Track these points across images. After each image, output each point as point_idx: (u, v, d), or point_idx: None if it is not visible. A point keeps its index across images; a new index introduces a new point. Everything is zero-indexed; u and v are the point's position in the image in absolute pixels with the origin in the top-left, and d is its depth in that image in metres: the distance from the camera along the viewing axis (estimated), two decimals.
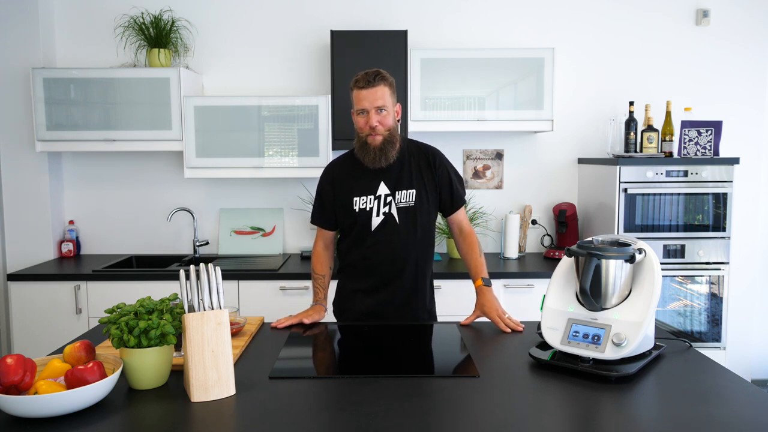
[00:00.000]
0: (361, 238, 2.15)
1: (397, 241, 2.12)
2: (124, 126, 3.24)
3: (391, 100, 2.08)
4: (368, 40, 3.22)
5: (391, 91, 2.08)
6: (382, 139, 2.06)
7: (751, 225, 3.67)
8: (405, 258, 2.14)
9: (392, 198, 2.11)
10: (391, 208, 2.11)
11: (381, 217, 2.11)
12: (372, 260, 2.15)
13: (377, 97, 2.03)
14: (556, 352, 1.64)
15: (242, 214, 3.65)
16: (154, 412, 1.36)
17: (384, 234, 2.12)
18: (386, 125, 2.06)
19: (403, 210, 2.12)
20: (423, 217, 2.14)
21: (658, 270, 1.62)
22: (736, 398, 1.42)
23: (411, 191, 2.12)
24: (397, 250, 2.13)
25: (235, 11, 3.55)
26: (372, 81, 2.03)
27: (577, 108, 3.61)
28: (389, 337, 1.98)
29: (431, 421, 1.30)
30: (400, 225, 2.12)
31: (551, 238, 3.65)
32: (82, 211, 3.63)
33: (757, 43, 3.59)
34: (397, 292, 2.16)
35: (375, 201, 2.12)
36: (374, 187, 2.12)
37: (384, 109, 2.05)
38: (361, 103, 2.06)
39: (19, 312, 3.08)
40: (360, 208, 2.12)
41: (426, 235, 2.17)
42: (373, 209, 2.11)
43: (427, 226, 2.17)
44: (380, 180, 2.12)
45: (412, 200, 2.12)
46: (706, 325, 3.27)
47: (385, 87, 2.05)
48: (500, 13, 3.57)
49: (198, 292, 1.47)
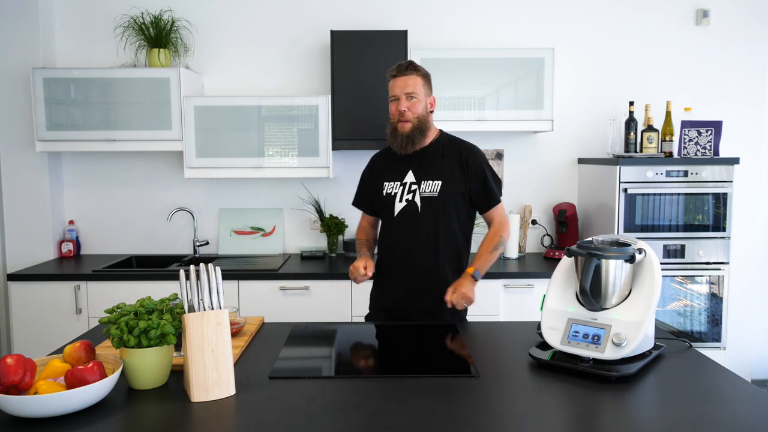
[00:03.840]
0: (386, 223, 2.26)
1: (417, 230, 2.16)
2: (124, 126, 3.24)
3: (423, 90, 2.17)
4: (368, 40, 3.22)
5: (424, 81, 2.18)
6: (411, 126, 2.14)
7: (751, 225, 3.67)
8: (424, 247, 2.17)
9: (417, 186, 2.18)
10: (414, 196, 2.18)
11: (404, 203, 2.18)
12: (394, 245, 2.22)
13: (408, 85, 2.14)
14: (556, 352, 1.64)
15: (242, 214, 3.65)
16: (154, 412, 1.36)
17: (406, 220, 2.18)
18: (415, 112, 2.14)
19: (426, 200, 2.16)
20: (446, 209, 2.16)
21: (658, 270, 1.62)
22: (736, 398, 1.42)
23: (437, 183, 2.16)
24: (417, 238, 2.17)
25: (235, 11, 3.55)
26: (404, 70, 2.15)
27: (577, 108, 3.61)
28: (389, 337, 1.98)
29: (431, 421, 1.30)
30: (421, 213, 2.16)
31: (551, 238, 3.65)
32: (82, 211, 3.63)
33: (756, 43, 3.59)
34: (418, 282, 2.18)
35: (400, 187, 2.20)
36: (403, 174, 2.21)
37: (414, 96, 2.14)
38: (393, 90, 2.17)
39: (19, 312, 3.08)
40: (387, 192, 2.23)
41: (449, 228, 2.17)
42: (397, 195, 2.20)
43: (450, 219, 2.17)
44: (409, 168, 2.20)
45: (436, 191, 2.16)
46: (706, 325, 3.27)
47: (417, 77, 2.15)
48: (500, 13, 3.57)
49: (198, 292, 1.47)
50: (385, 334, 2.02)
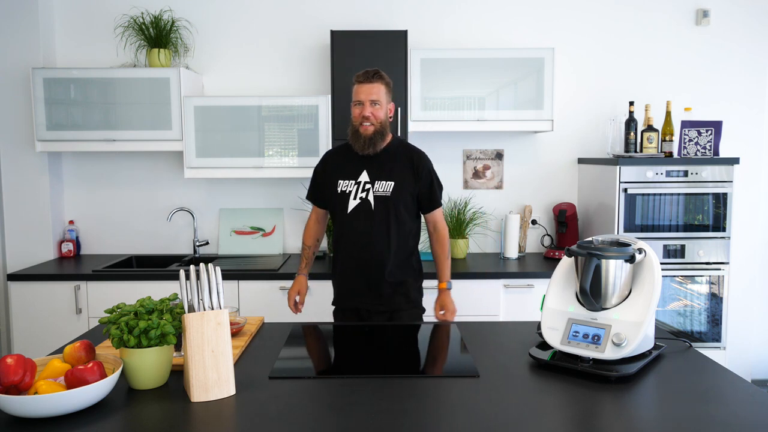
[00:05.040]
0: (340, 219, 2.38)
1: (370, 226, 2.31)
2: (124, 126, 3.24)
3: (386, 97, 2.33)
4: (368, 40, 3.22)
5: (387, 89, 2.33)
6: (373, 130, 2.29)
7: (751, 225, 3.67)
8: (376, 242, 2.31)
9: (371, 186, 2.32)
10: (368, 194, 2.32)
11: (357, 201, 2.32)
12: (349, 242, 2.36)
13: (373, 92, 2.28)
14: (556, 352, 1.64)
15: (242, 214, 3.65)
16: (154, 412, 1.36)
17: (359, 217, 2.32)
18: (378, 117, 2.29)
19: (380, 198, 2.31)
20: (398, 208, 2.32)
21: (658, 270, 1.62)
22: (735, 398, 1.42)
23: (390, 183, 2.32)
24: (371, 235, 2.31)
25: (235, 11, 3.55)
26: (371, 78, 2.29)
27: (577, 108, 3.61)
28: (389, 337, 1.99)
29: (431, 421, 1.30)
30: (374, 211, 2.31)
31: (551, 238, 3.65)
32: (82, 211, 3.63)
33: (756, 43, 3.59)
34: (368, 274, 2.33)
35: (355, 186, 2.34)
36: (357, 173, 2.35)
37: (378, 103, 2.29)
38: (358, 95, 2.31)
39: (19, 312, 3.08)
40: (341, 190, 2.35)
41: (401, 226, 2.34)
42: (351, 192, 2.33)
43: (402, 217, 2.34)
44: (364, 168, 2.34)
45: (389, 191, 2.31)
46: (706, 325, 3.27)
47: (381, 85, 2.30)
48: (500, 13, 3.57)
49: (198, 292, 1.48)
50: (385, 334, 2.02)
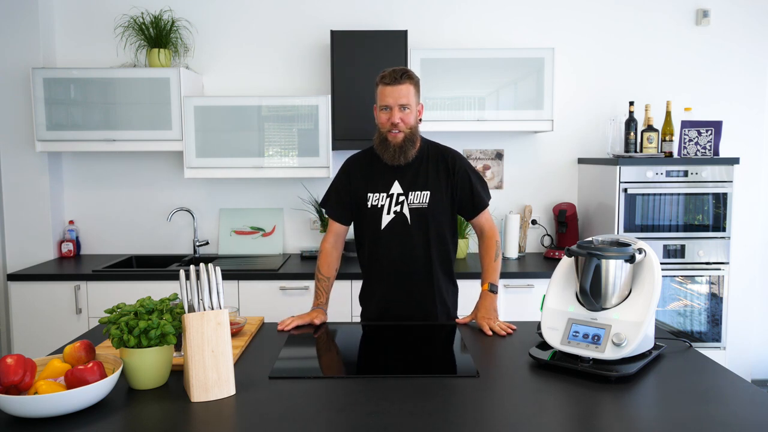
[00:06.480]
0: (372, 237, 2.16)
1: (408, 241, 2.12)
2: (124, 126, 3.24)
3: (415, 99, 2.08)
4: (368, 40, 3.22)
5: (416, 90, 2.08)
6: (403, 137, 2.06)
7: (751, 225, 3.67)
8: (416, 258, 2.13)
9: (405, 198, 2.11)
10: (402, 207, 2.11)
11: (391, 216, 2.11)
12: (383, 259, 2.15)
13: (402, 95, 2.03)
14: (556, 352, 1.64)
15: (242, 214, 3.65)
16: (154, 412, 1.36)
17: (394, 233, 2.12)
18: (408, 123, 2.06)
19: (415, 210, 2.11)
20: (436, 219, 2.12)
21: (658, 270, 1.62)
22: (735, 398, 1.42)
23: (425, 193, 2.11)
24: (408, 250, 2.12)
25: (235, 11, 3.55)
26: (399, 78, 2.03)
27: (577, 108, 3.61)
28: (389, 337, 1.98)
29: (431, 421, 1.30)
30: (411, 225, 2.11)
31: (551, 238, 3.65)
32: (82, 211, 3.63)
33: (756, 43, 3.59)
34: (411, 293, 2.15)
35: (387, 199, 2.12)
36: (388, 185, 2.13)
37: (407, 107, 2.05)
38: (385, 99, 2.05)
39: (19, 312, 3.08)
40: (372, 204, 2.13)
41: (440, 237, 2.15)
42: (384, 207, 2.12)
43: (440, 229, 2.14)
44: (395, 179, 2.12)
45: (426, 201, 2.11)
46: (706, 325, 3.27)
47: (411, 86, 2.05)
48: (500, 13, 3.57)
49: (198, 292, 1.47)
50: (384, 334, 2.02)
